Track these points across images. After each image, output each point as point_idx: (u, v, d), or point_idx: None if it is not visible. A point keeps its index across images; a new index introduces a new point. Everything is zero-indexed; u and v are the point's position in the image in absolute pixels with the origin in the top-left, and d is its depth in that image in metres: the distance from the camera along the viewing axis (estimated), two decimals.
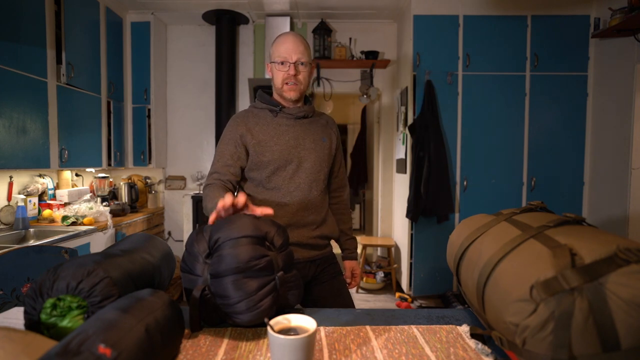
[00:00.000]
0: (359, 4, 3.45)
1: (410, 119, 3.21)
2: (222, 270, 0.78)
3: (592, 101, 3.15)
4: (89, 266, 0.71)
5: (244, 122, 1.28)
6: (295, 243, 1.26)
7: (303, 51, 1.26)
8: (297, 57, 1.24)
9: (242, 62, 3.92)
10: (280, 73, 1.26)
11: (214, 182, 1.20)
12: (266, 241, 0.85)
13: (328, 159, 1.35)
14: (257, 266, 0.79)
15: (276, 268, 0.83)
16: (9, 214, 2.48)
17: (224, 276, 0.78)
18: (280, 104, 1.30)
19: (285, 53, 1.24)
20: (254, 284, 0.78)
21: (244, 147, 1.26)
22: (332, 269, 1.36)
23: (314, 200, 1.28)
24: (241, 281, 0.77)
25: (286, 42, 1.25)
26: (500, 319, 0.63)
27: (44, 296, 0.69)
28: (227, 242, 0.80)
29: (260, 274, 0.79)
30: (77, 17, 2.80)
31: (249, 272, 0.78)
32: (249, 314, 0.77)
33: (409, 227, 3.27)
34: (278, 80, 1.27)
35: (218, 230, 0.83)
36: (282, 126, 1.28)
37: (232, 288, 0.76)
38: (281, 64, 1.25)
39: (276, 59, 1.26)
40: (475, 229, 0.84)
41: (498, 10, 3.13)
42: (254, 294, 0.77)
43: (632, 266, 0.53)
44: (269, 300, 0.79)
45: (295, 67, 1.24)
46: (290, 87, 1.26)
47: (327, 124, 1.40)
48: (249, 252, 0.79)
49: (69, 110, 2.73)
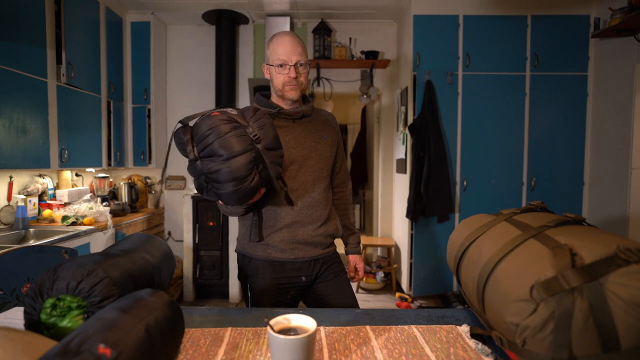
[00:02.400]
0: (359, 4, 3.45)
1: (410, 119, 3.21)
2: (206, 136, 0.92)
3: (592, 101, 3.15)
4: (89, 266, 0.71)
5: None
6: (300, 241, 1.27)
7: (302, 52, 1.25)
8: (296, 59, 1.23)
9: (242, 62, 3.92)
10: (280, 76, 1.25)
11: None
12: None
13: (330, 155, 1.35)
14: (237, 128, 0.94)
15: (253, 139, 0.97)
16: (9, 214, 2.48)
17: (210, 143, 0.91)
18: (278, 106, 1.30)
19: (284, 55, 1.23)
20: (235, 142, 0.92)
21: None
22: (336, 268, 1.36)
23: (317, 198, 1.29)
24: (225, 140, 0.91)
25: (284, 43, 1.24)
26: (501, 319, 0.63)
27: (44, 296, 0.69)
28: (210, 130, 0.93)
29: (241, 138, 0.93)
30: (77, 17, 2.80)
31: (230, 132, 0.92)
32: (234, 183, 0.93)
33: (409, 227, 3.27)
34: (278, 83, 1.26)
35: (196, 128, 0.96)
36: (282, 128, 1.28)
37: (218, 147, 0.90)
38: (280, 67, 1.24)
39: (275, 61, 1.24)
40: (476, 229, 0.84)
41: (498, 10, 3.13)
42: (238, 154, 0.92)
43: (632, 266, 0.53)
44: (255, 174, 0.96)
45: (295, 70, 1.23)
46: (291, 87, 1.26)
47: (327, 121, 1.40)
48: (223, 119, 0.94)
49: (69, 110, 2.72)
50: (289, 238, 1.25)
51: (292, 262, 1.27)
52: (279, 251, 1.26)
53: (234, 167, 0.92)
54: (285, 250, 1.26)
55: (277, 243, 1.25)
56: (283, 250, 1.26)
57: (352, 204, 1.52)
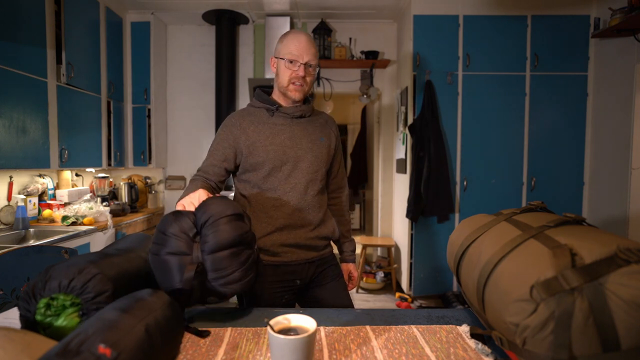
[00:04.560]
0: (359, 4, 3.45)
1: (410, 119, 3.21)
2: (220, 244, 0.83)
3: (592, 101, 3.15)
4: (81, 264, 0.72)
5: (238, 122, 1.26)
6: (292, 244, 1.24)
7: (315, 53, 1.23)
8: (308, 59, 1.21)
9: (242, 62, 3.92)
10: (288, 71, 1.22)
11: (198, 177, 1.23)
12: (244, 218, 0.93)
13: (326, 158, 1.31)
14: (248, 239, 0.89)
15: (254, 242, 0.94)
16: (9, 214, 2.47)
17: (221, 250, 0.84)
18: (277, 103, 1.27)
19: (297, 52, 1.20)
20: (244, 254, 0.87)
21: (235, 149, 1.24)
22: (333, 271, 1.33)
23: (310, 201, 1.26)
24: (236, 253, 0.85)
25: (300, 41, 1.21)
26: (501, 319, 0.63)
27: (37, 297, 0.69)
28: (222, 218, 0.86)
29: (247, 246, 0.89)
30: (77, 17, 2.80)
31: (241, 245, 0.87)
32: (240, 283, 0.86)
33: (409, 227, 3.27)
34: (284, 79, 1.23)
35: (206, 211, 0.87)
36: (278, 126, 1.25)
37: (229, 259, 0.84)
38: (290, 62, 1.21)
39: (286, 55, 1.22)
40: (475, 229, 0.84)
41: (498, 10, 3.13)
42: (245, 264, 0.87)
43: (633, 266, 0.53)
44: (253, 270, 0.90)
45: (305, 68, 1.21)
46: (296, 87, 1.23)
47: (326, 123, 1.36)
48: (241, 226, 0.88)
49: (69, 110, 2.72)
50: (281, 241, 1.23)
51: (285, 265, 1.24)
52: (271, 254, 1.23)
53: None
54: (278, 253, 1.23)
55: (269, 247, 1.22)
56: (275, 253, 1.23)
57: (348, 210, 1.49)
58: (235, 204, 0.92)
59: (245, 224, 0.91)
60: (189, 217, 0.87)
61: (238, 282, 0.85)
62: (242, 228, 0.87)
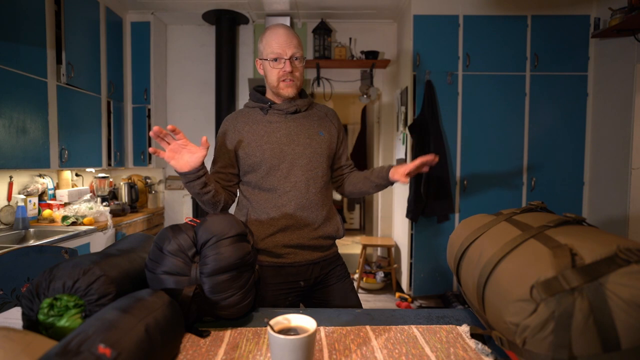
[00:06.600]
0: (359, 4, 3.45)
1: (410, 119, 3.21)
2: (221, 268, 0.81)
3: (592, 101, 3.15)
4: (85, 265, 0.71)
5: (232, 124, 1.24)
6: (296, 245, 1.21)
7: (297, 45, 1.18)
8: (291, 52, 1.17)
9: (242, 62, 3.92)
10: (274, 71, 1.19)
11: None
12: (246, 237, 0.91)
13: (327, 153, 1.27)
14: (249, 261, 0.86)
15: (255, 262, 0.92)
16: (9, 214, 2.47)
17: (221, 273, 0.81)
18: (270, 100, 1.24)
19: (278, 49, 1.16)
20: (244, 276, 0.85)
21: (234, 152, 1.23)
22: (339, 271, 1.30)
23: (312, 199, 1.22)
24: (236, 276, 0.83)
25: (279, 35, 1.17)
26: (501, 319, 0.63)
27: (41, 296, 0.69)
28: (225, 239, 0.83)
29: (248, 268, 0.87)
30: (77, 17, 2.80)
31: (242, 267, 0.84)
32: (239, 307, 0.84)
33: (409, 227, 3.27)
34: (273, 79, 1.20)
35: (207, 229, 0.84)
36: (273, 124, 1.22)
37: (229, 282, 0.82)
38: (275, 60, 1.17)
39: (269, 55, 1.18)
40: (476, 229, 0.84)
41: (498, 10, 3.13)
42: (244, 287, 0.84)
43: (633, 266, 0.53)
44: (253, 292, 0.88)
45: (290, 63, 1.17)
46: (287, 84, 1.19)
47: (325, 116, 1.32)
48: (244, 247, 0.85)
49: (69, 110, 2.72)
50: (283, 242, 1.20)
51: (289, 267, 1.21)
52: (274, 256, 1.20)
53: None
54: (281, 255, 1.20)
55: (272, 248, 1.20)
56: (278, 255, 1.20)
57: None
58: (238, 221, 0.89)
59: (248, 243, 0.88)
60: (187, 234, 0.84)
61: (236, 306, 0.83)
62: (244, 249, 0.84)
